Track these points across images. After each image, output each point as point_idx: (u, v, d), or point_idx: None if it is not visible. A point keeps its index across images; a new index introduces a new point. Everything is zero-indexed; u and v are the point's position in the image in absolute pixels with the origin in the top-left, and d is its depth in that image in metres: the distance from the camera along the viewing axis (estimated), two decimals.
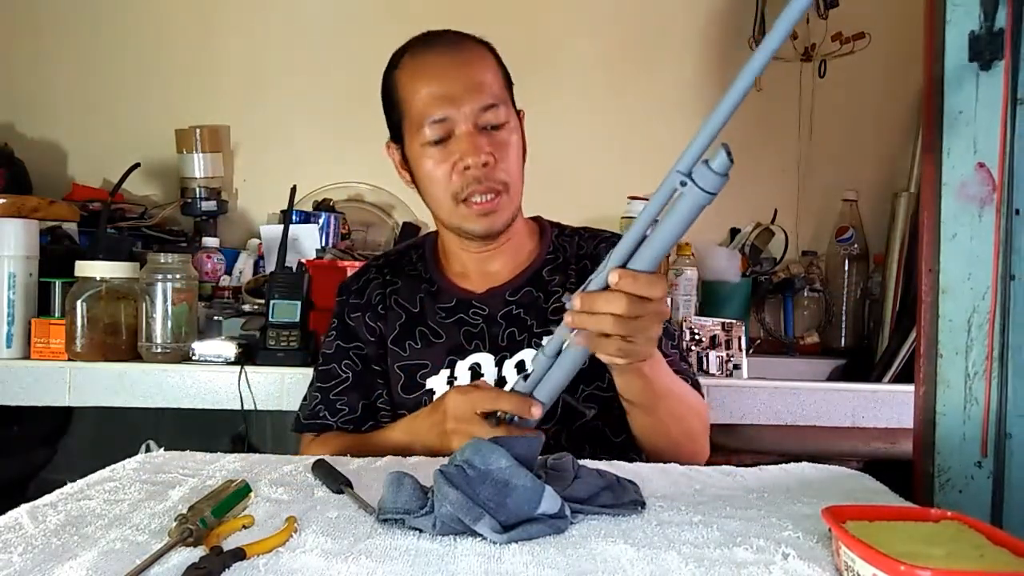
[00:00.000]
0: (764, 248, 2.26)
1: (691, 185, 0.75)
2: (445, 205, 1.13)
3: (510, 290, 1.19)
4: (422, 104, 1.10)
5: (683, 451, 1.08)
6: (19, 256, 1.62)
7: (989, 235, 0.89)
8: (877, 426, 1.65)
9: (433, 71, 1.11)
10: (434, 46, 1.13)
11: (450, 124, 1.09)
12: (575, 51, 2.32)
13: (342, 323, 1.24)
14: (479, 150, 1.08)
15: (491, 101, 1.10)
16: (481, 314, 1.18)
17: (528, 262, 1.22)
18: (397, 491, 0.69)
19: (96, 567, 0.58)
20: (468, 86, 1.09)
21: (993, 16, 0.88)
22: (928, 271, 0.93)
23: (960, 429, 0.90)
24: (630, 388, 1.00)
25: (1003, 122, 0.88)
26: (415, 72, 1.12)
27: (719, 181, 0.74)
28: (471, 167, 1.09)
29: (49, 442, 2.02)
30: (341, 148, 2.28)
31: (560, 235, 1.26)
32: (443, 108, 1.09)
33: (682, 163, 0.76)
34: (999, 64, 0.89)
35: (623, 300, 0.83)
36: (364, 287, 1.24)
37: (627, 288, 0.83)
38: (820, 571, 0.59)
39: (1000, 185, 0.89)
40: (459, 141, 1.09)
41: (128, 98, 2.28)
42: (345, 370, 1.20)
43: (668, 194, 0.78)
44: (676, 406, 1.06)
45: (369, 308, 1.22)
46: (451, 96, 1.09)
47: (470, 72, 1.10)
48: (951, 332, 0.91)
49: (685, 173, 0.76)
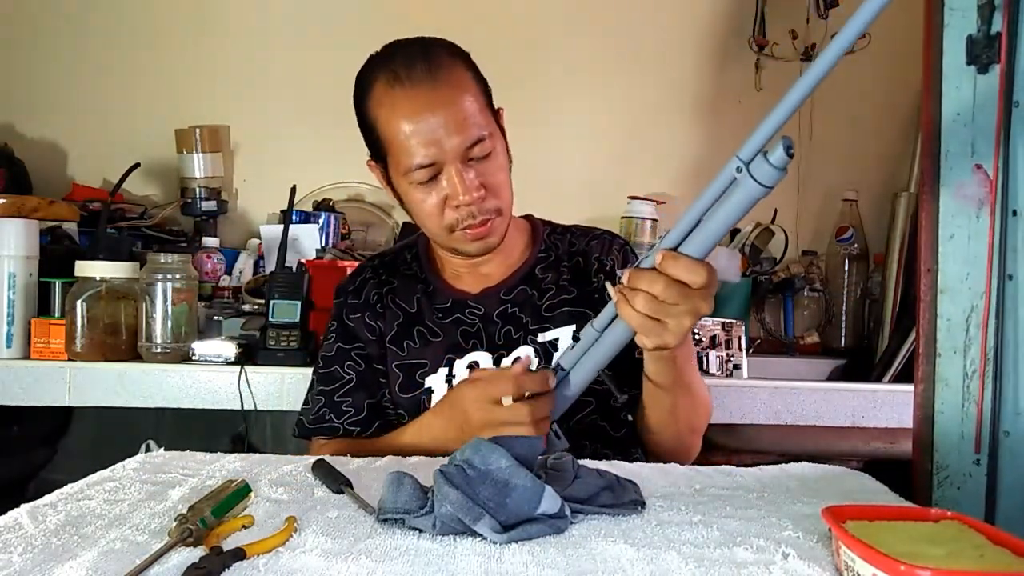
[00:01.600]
0: (764, 248, 2.26)
1: (746, 174, 0.75)
2: (439, 234, 1.13)
3: (504, 289, 1.20)
4: (406, 147, 1.06)
5: (683, 443, 1.10)
6: (19, 256, 1.62)
7: (986, 235, 0.90)
8: (877, 426, 1.66)
9: (412, 109, 1.05)
10: (406, 80, 1.06)
11: (437, 166, 1.07)
12: (575, 51, 2.32)
13: (341, 325, 1.23)
14: (470, 189, 1.06)
15: (477, 137, 1.06)
16: (477, 314, 1.19)
17: (521, 261, 1.22)
18: (397, 491, 0.69)
19: (96, 567, 0.58)
20: (452, 126, 1.04)
21: (989, 20, 0.89)
22: (926, 271, 0.93)
23: (958, 427, 0.91)
24: (660, 373, 1.01)
25: (999, 124, 0.89)
26: (393, 109, 1.07)
27: (775, 175, 0.74)
28: (462, 205, 1.08)
29: (49, 442, 2.02)
30: (341, 148, 2.26)
31: (552, 233, 1.27)
32: (429, 152, 1.05)
33: (744, 150, 0.76)
34: (995, 67, 0.90)
35: (661, 281, 0.82)
36: (361, 287, 1.24)
37: (667, 269, 0.82)
38: (820, 571, 0.59)
39: (996, 186, 0.89)
40: (449, 181, 1.07)
41: (128, 98, 2.28)
42: (348, 371, 1.20)
43: (728, 180, 0.77)
44: (692, 400, 1.08)
45: (368, 308, 1.22)
46: (435, 139, 1.05)
47: (452, 109, 1.05)
48: (949, 331, 0.92)
49: (744, 161, 0.75)
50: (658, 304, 0.83)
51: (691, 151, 2.31)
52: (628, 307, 0.85)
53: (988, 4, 0.89)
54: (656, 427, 1.11)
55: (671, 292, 0.82)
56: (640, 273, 0.84)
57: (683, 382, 1.03)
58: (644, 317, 0.84)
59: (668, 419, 1.09)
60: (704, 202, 0.80)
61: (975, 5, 0.90)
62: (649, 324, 0.85)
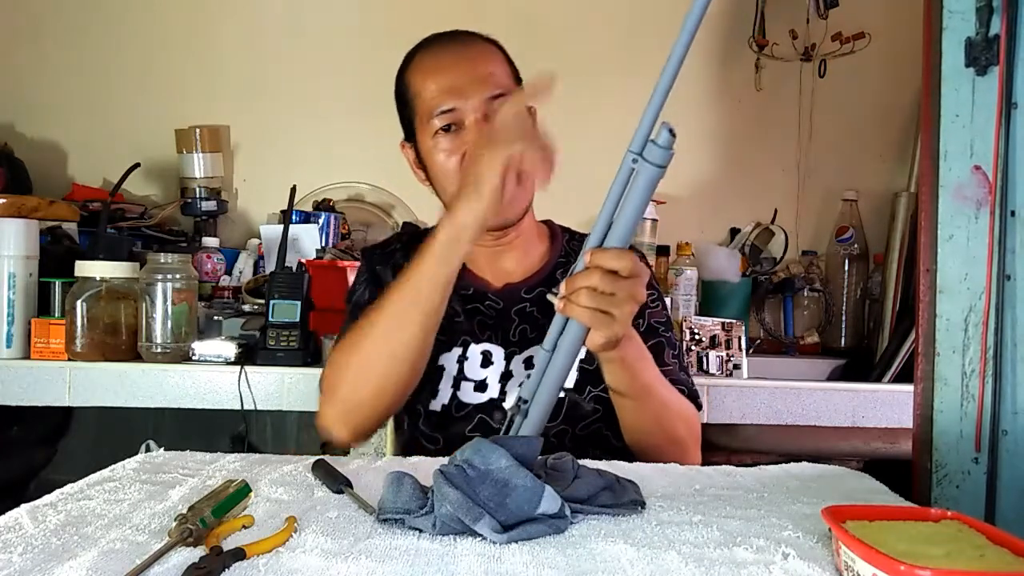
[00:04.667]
0: (764, 248, 2.27)
1: (642, 161, 0.84)
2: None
3: (525, 288, 1.21)
4: (431, 97, 1.12)
5: (667, 455, 1.09)
6: (19, 256, 1.62)
7: (985, 236, 0.90)
8: (877, 426, 1.66)
9: (441, 65, 1.13)
10: (443, 43, 1.16)
11: (459, 114, 1.10)
12: (575, 52, 2.32)
13: (371, 274, 1.24)
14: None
15: (498, 90, 1.11)
16: (496, 307, 1.20)
17: (541, 263, 1.24)
18: (397, 491, 0.69)
19: (96, 567, 0.58)
20: (475, 77, 1.11)
21: (988, 22, 0.90)
22: (926, 271, 0.94)
23: (957, 426, 0.91)
24: (615, 377, 1.03)
25: (998, 125, 0.89)
26: (424, 68, 1.14)
27: (666, 155, 0.84)
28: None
29: (49, 442, 2.02)
30: (341, 148, 2.28)
31: (571, 239, 1.29)
32: (451, 99, 1.10)
33: (634, 143, 0.85)
34: (994, 69, 0.90)
35: (596, 274, 0.88)
36: (391, 253, 1.26)
37: (596, 261, 0.88)
38: (820, 571, 0.59)
39: (995, 187, 0.89)
40: (469, 131, 1.10)
41: (128, 98, 2.28)
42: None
43: (627, 175, 0.86)
44: (660, 407, 1.09)
45: (396, 267, 1.21)
46: (459, 87, 1.10)
47: (477, 64, 1.12)
48: (948, 331, 0.92)
49: (637, 151, 0.84)
50: (599, 295, 0.88)
51: (691, 150, 2.31)
52: (574, 306, 0.89)
53: (987, 6, 0.89)
54: (635, 442, 1.11)
55: (607, 282, 0.87)
56: (576, 276, 0.89)
57: (641, 384, 1.04)
58: (590, 311, 0.88)
59: (643, 428, 1.09)
60: (612, 199, 0.88)
61: (974, 7, 0.90)
62: (597, 317, 0.89)
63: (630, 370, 1.02)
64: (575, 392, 1.02)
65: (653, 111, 0.83)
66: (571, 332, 0.91)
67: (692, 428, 1.15)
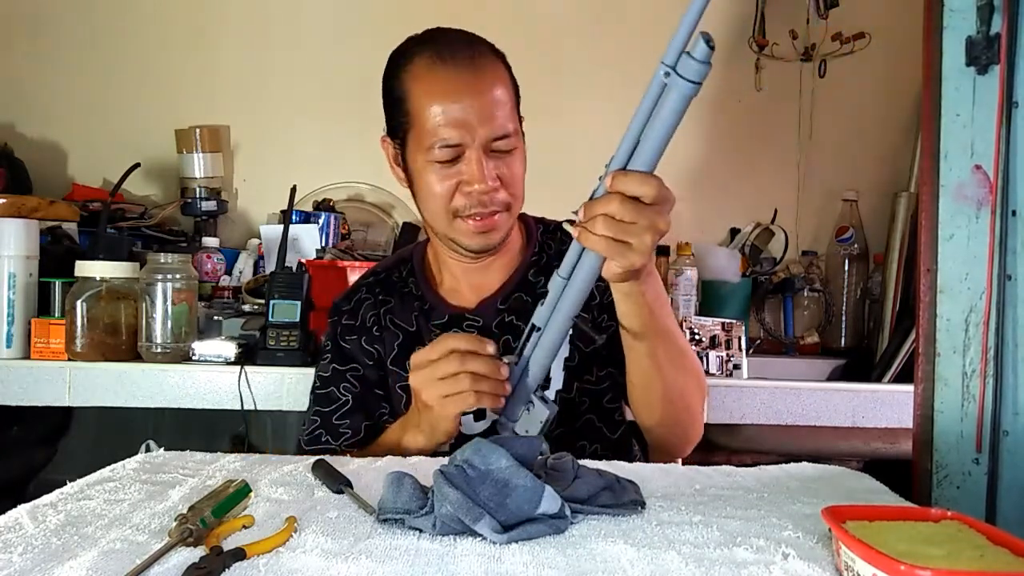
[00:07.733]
0: (764, 248, 2.27)
1: (675, 76, 0.76)
2: (441, 219, 1.12)
3: (500, 298, 1.19)
4: (434, 124, 1.07)
5: (678, 419, 1.08)
6: (19, 256, 1.62)
7: (985, 236, 0.90)
8: (877, 426, 1.66)
9: (449, 91, 1.06)
10: (449, 61, 1.08)
11: (461, 148, 1.07)
12: (575, 51, 2.32)
13: (336, 346, 1.22)
14: (487, 177, 1.07)
15: (504, 131, 1.07)
16: (475, 326, 1.17)
17: (514, 267, 1.22)
18: (397, 491, 0.69)
19: (96, 567, 0.58)
20: (484, 114, 1.06)
21: (989, 21, 0.90)
22: (926, 271, 0.93)
23: (957, 426, 0.91)
24: (632, 315, 0.98)
25: (999, 125, 0.89)
26: (430, 87, 1.08)
27: (703, 69, 0.76)
28: (475, 192, 1.08)
29: (49, 442, 2.02)
30: (341, 148, 2.28)
31: (544, 232, 1.26)
32: (456, 133, 1.06)
33: (667, 55, 0.77)
34: (995, 68, 0.90)
35: (615, 200, 0.82)
36: (356, 308, 1.23)
37: (618, 186, 0.82)
38: (820, 571, 0.59)
39: (996, 187, 0.89)
40: (468, 164, 1.07)
41: (128, 98, 2.28)
42: (344, 392, 1.19)
43: (658, 90, 0.78)
44: (677, 354, 1.05)
45: (364, 331, 1.21)
46: (466, 122, 1.06)
47: (486, 98, 1.07)
48: (948, 331, 0.92)
49: (670, 65, 0.76)
50: (617, 224, 0.83)
51: (691, 150, 2.31)
52: (590, 235, 0.84)
53: (987, 5, 0.89)
54: (643, 395, 1.07)
55: (627, 209, 0.82)
56: (594, 201, 0.84)
57: (658, 327, 1.00)
58: (607, 240, 0.84)
59: (653, 376, 1.04)
60: (641, 117, 0.80)
61: (974, 6, 0.90)
62: (614, 246, 0.84)
63: (647, 307, 0.97)
64: (564, 392, 1.01)
65: (692, 17, 0.74)
66: (587, 261, 0.88)
67: (702, 389, 1.14)
